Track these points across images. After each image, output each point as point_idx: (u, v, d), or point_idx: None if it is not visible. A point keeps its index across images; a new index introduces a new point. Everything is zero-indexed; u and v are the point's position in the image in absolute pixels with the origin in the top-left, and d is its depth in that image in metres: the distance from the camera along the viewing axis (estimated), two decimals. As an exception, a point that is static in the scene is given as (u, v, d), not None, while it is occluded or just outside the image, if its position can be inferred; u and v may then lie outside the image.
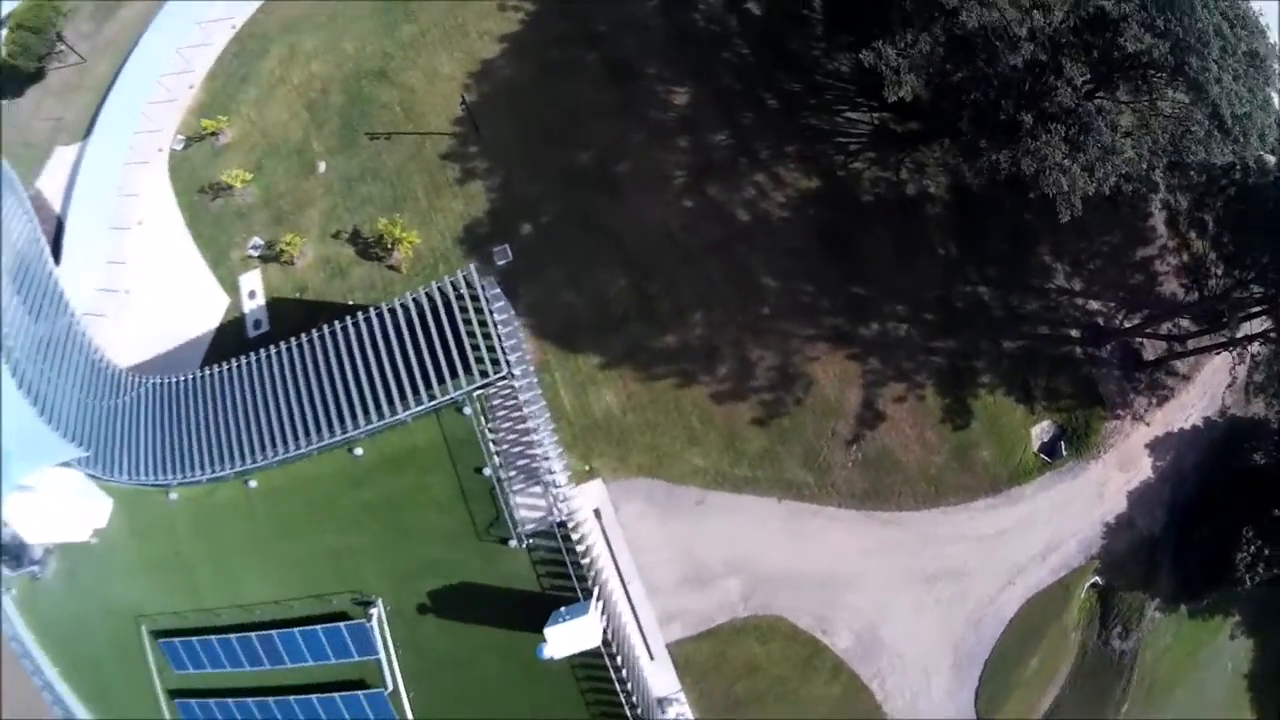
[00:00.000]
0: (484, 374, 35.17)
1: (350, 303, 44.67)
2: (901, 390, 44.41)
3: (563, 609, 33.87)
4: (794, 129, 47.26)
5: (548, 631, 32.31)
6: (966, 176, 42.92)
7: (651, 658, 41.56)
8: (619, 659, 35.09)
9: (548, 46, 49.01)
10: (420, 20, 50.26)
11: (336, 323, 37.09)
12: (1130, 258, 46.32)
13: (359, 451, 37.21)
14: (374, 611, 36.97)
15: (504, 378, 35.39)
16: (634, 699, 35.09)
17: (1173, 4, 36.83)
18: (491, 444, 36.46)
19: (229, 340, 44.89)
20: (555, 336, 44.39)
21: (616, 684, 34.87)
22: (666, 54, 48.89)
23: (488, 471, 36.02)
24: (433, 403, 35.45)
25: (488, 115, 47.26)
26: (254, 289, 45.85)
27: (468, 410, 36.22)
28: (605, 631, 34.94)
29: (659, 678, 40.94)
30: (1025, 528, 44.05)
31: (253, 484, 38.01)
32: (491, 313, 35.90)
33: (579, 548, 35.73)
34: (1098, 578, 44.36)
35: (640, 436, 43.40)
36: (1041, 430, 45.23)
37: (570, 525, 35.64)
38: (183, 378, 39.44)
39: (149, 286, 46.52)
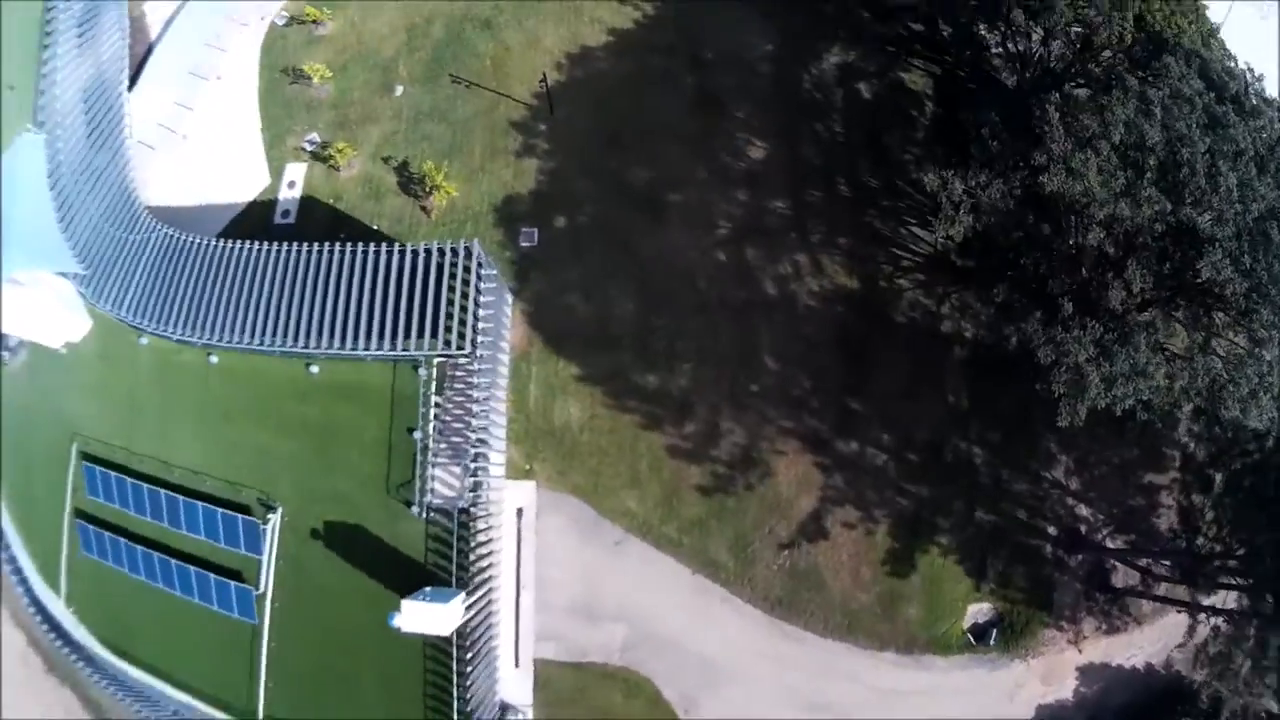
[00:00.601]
0: (448, 344, 38.74)
1: (375, 227, 48.96)
2: (855, 518, 46.36)
3: (428, 589, 37.44)
4: (855, 223, 49.49)
5: (404, 604, 35.69)
6: (1003, 334, 43.90)
7: (517, 665, 44.68)
8: (469, 656, 38.47)
9: (650, 54, 52.23)
10: (540, -14, 54.13)
11: (339, 245, 41.11)
12: (1137, 478, 47.18)
13: (314, 369, 41.52)
14: (273, 517, 41.36)
15: (465, 356, 38.93)
16: (467, 696, 38.39)
17: (1270, 246, 37.25)
18: (433, 412, 40.21)
19: (254, 219, 49.64)
20: (547, 332, 47.76)
21: (455, 677, 38.29)
22: (761, 103, 51.58)
23: (418, 435, 39.79)
24: (393, 352, 39.26)
25: (567, 100, 50.86)
26: (295, 180, 50.52)
27: (422, 372, 40.06)
28: (469, 625, 38.35)
29: (516, 686, 44.10)
30: (924, 697, 45.61)
31: (214, 359, 42.71)
32: (479, 292, 39.42)
33: (472, 540, 39.21)
34: (973, 776, 45.75)
35: (587, 459, 46.48)
36: (979, 610, 46.69)
37: (471, 517, 39.10)
38: (194, 239, 44.03)
39: (204, 140, 51.65)
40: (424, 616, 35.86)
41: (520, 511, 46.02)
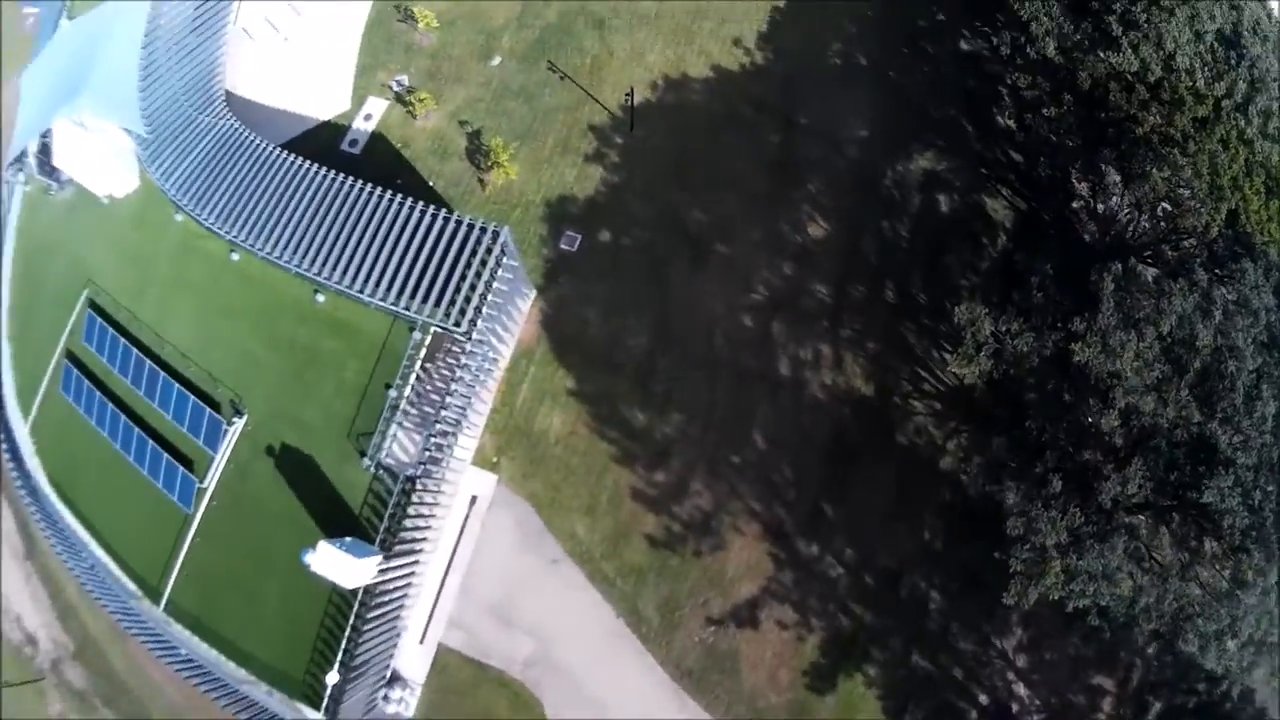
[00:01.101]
0: (448, 318, 41.83)
1: (430, 183, 52.60)
2: (790, 619, 47.72)
3: (349, 539, 40.44)
4: (889, 332, 51.11)
5: (321, 545, 38.80)
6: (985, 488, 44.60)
7: (421, 642, 47.42)
8: (369, 616, 41.37)
9: (744, 103, 54.75)
10: (663, 4, 57.03)
11: (380, 190, 44.65)
12: (1085, 676, 47.46)
13: (320, 298, 45.28)
14: (238, 421, 45.25)
15: (461, 334, 41.90)
16: (356, 652, 41.20)
17: (1287, 487, 37.73)
18: (415, 376, 43.44)
19: (323, 138, 53.98)
20: (555, 338, 50.74)
21: (348, 631, 41.21)
22: (837, 183, 53.56)
23: (392, 393, 43.01)
24: (394, 307, 42.57)
25: (650, 120, 53.96)
26: (371, 114, 54.69)
27: (416, 335, 43.37)
28: (379, 588, 41.25)
29: (414, 661, 46.99)
30: (799, 820, 47.02)
31: (235, 257, 46.85)
32: (494, 278, 42.43)
33: (409, 510, 42.12)
34: None
35: (553, 472, 49.15)
36: (880, 754, 47.85)
37: (415, 488, 42.04)
38: (257, 139, 48.07)
39: (302, 47, 56.19)
40: (335, 563, 38.87)
41: (474, 499, 48.81)
